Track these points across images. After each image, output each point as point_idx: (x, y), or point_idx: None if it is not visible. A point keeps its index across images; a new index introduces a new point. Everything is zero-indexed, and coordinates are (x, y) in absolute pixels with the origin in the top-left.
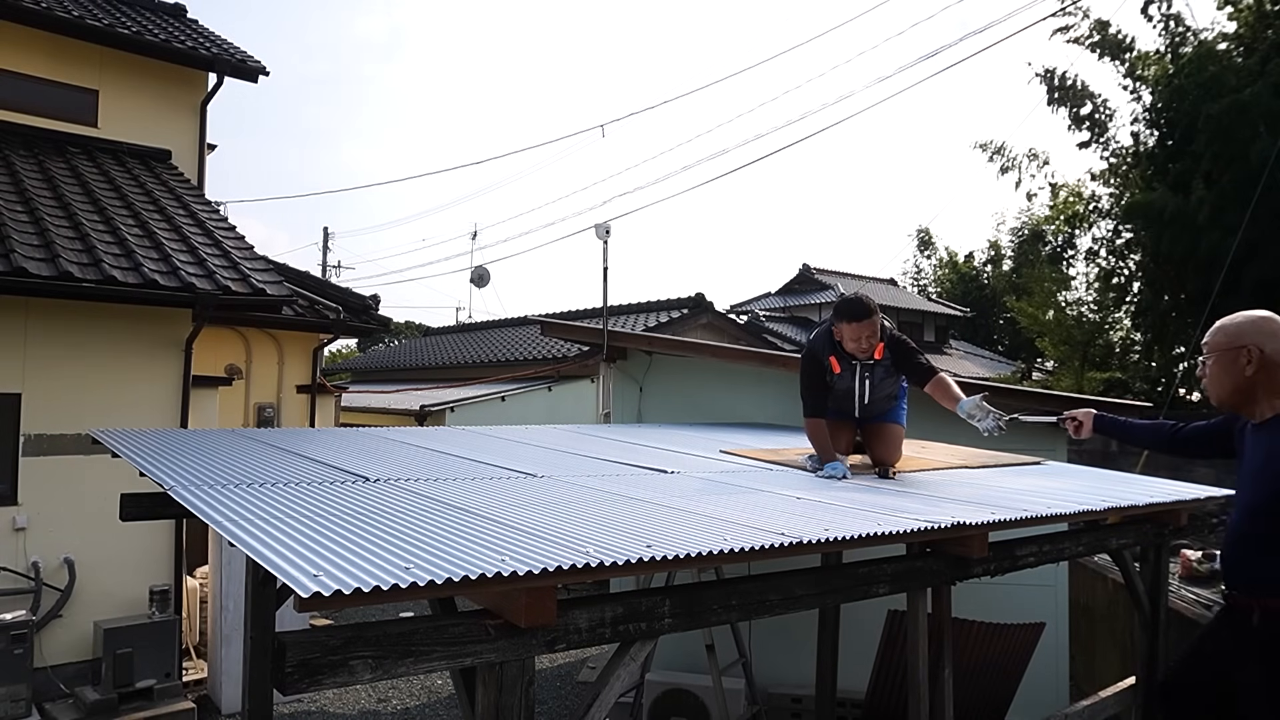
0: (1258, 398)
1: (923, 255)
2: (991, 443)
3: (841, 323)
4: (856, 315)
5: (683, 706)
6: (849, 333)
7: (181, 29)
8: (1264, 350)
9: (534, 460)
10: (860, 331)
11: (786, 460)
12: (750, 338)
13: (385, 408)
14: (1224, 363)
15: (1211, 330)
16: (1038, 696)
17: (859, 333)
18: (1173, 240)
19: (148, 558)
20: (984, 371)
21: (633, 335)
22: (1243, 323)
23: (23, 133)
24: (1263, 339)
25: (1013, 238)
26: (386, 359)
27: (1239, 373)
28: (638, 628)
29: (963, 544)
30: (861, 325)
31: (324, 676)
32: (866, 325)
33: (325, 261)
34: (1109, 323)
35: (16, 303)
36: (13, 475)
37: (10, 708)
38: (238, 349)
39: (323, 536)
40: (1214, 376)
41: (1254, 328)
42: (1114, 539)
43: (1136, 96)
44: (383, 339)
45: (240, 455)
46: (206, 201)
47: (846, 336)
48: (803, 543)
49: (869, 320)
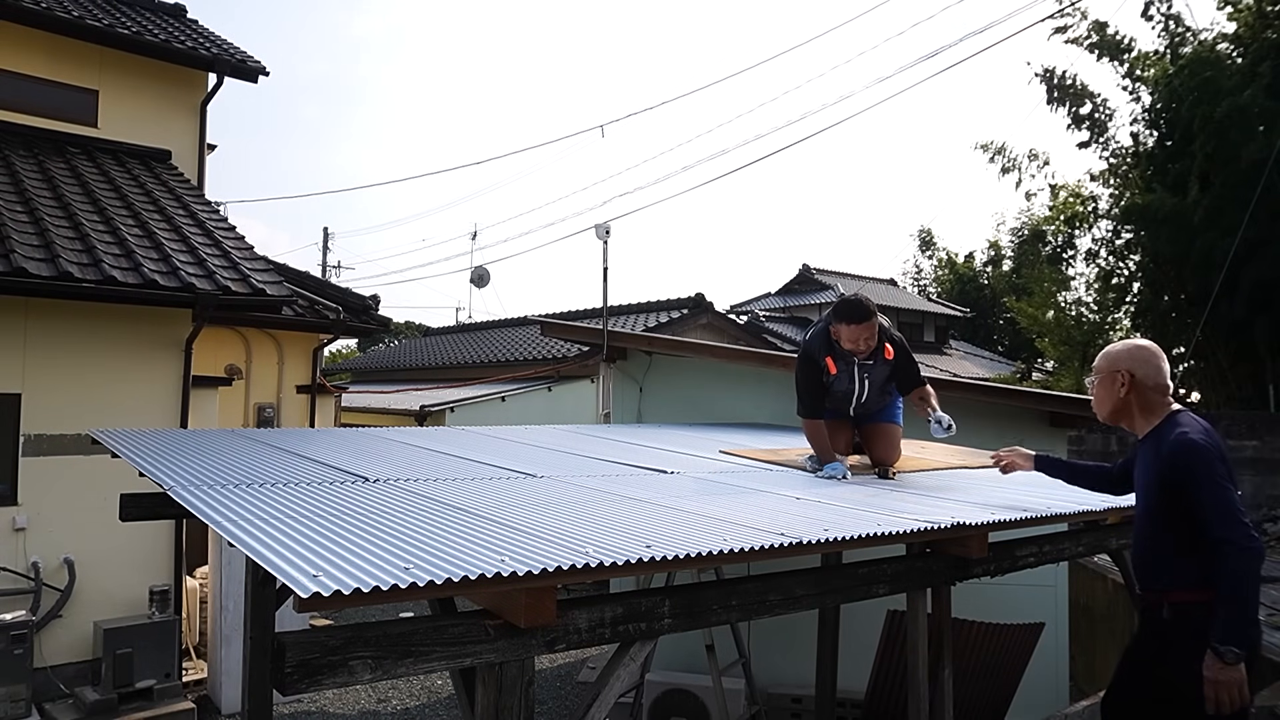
0: (1135, 415)
1: (923, 255)
2: (991, 443)
3: (840, 324)
4: (856, 317)
5: (683, 706)
6: (847, 334)
7: (181, 29)
8: (1134, 375)
9: (534, 460)
10: (859, 334)
11: (786, 460)
12: (750, 338)
13: (385, 408)
14: (1105, 385)
15: (1098, 356)
16: (1038, 696)
17: (857, 334)
18: (1172, 241)
19: (148, 558)
20: (984, 371)
21: (632, 335)
22: (1120, 351)
23: (23, 133)
24: (1135, 365)
25: (1013, 238)
26: (386, 359)
27: (1115, 394)
28: (638, 628)
29: (962, 544)
30: (860, 327)
31: (324, 676)
32: (865, 327)
33: (325, 261)
34: (1109, 323)
35: (16, 303)
36: (13, 475)
37: (10, 708)
38: (238, 349)
39: (322, 537)
40: (1098, 397)
41: (1129, 355)
42: (1114, 539)
43: (1136, 97)
44: (383, 339)
45: (240, 455)
46: (206, 202)
47: (845, 337)
48: (803, 543)
49: (868, 323)
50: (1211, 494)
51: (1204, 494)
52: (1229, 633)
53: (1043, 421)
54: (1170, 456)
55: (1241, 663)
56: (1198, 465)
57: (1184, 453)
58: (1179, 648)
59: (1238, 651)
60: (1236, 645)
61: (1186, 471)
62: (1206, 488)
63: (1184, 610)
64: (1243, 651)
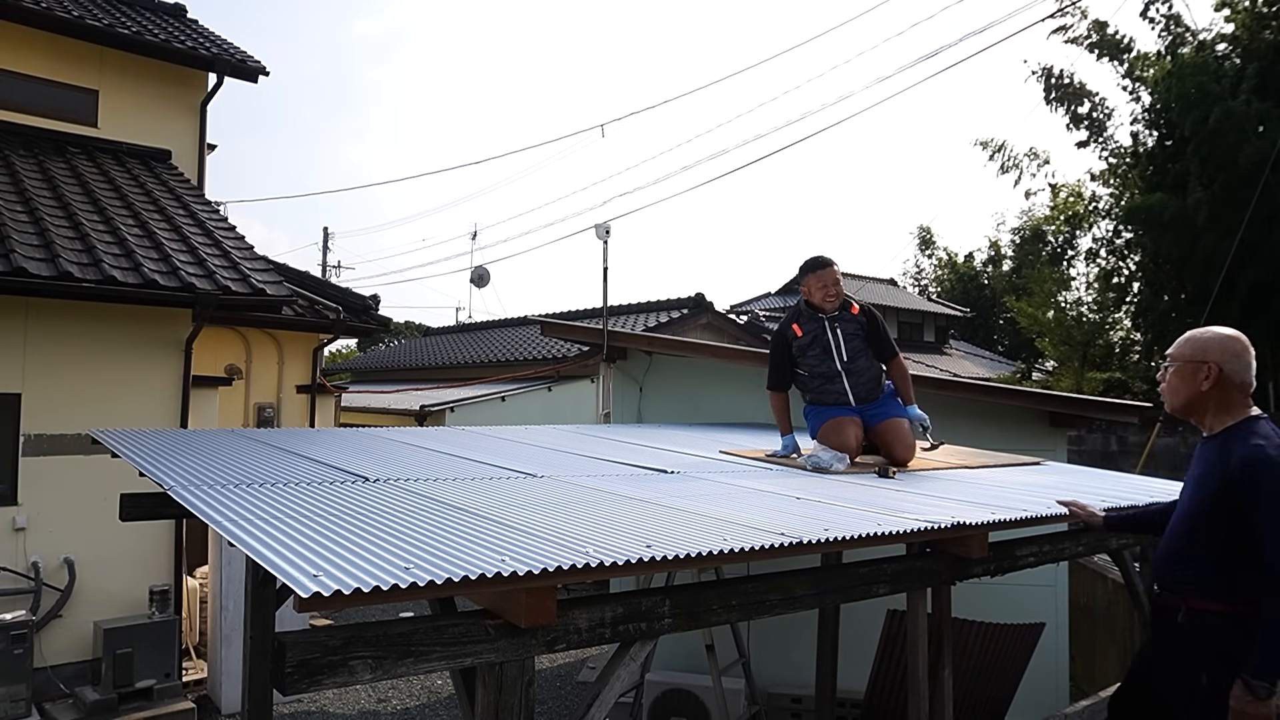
0: (1209, 411)
1: (923, 255)
2: (991, 443)
3: (808, 276)
4: (818, 265)
5: (683, 706)
6: (814, 282)
7: (181, 29)
8: (1223, 369)
9: (534, 460)
10: (824, 279)
11: (786, 460)
12: (750, 338)
13: (385, 408)
14: (1184, 374)
15: (1179, 341)
16: (1038, 697)
17: (824, 279)
18: (1172, 241)
19: (148, 558)
20: (984, 371)
21: (633, 335)
22: (1210, 339)
23: (23, 133)
24: (1225, 358)
25: (1013, 237)
26: (386, 359)
27: (1196, 386)
28: (638, 628)
29: (963, 544)
30: (824, 273)
31: (324, 676)
32: (829, 272)
33: (325, 261)
34: (1109, 323)
35: (16, 303)
36: (13, 475)
37: (10, 708)
38: (238, 349)
39: (323, 536)
40: (1172, 386)
41: (1220, 346)
42: (1114, 539)
43: (1136, 97)
44: (383, 339)
45: (240, 455)
46: (206, 201)
47: (813, 287)
48: (803, 543)
49: (830, 268)
50: (1274, 516)
51: (1265, 513)
52: (1266, 667)
53: (1043, 421)
54: (1240, 467)
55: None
56: (1265, 482)
57: (1256, 466)
58: (1189, 654)
59: (1270, 687)
60: (1271, 680)
61: (1253, 486)
62: (1269, 508)
63: (1202, 618)
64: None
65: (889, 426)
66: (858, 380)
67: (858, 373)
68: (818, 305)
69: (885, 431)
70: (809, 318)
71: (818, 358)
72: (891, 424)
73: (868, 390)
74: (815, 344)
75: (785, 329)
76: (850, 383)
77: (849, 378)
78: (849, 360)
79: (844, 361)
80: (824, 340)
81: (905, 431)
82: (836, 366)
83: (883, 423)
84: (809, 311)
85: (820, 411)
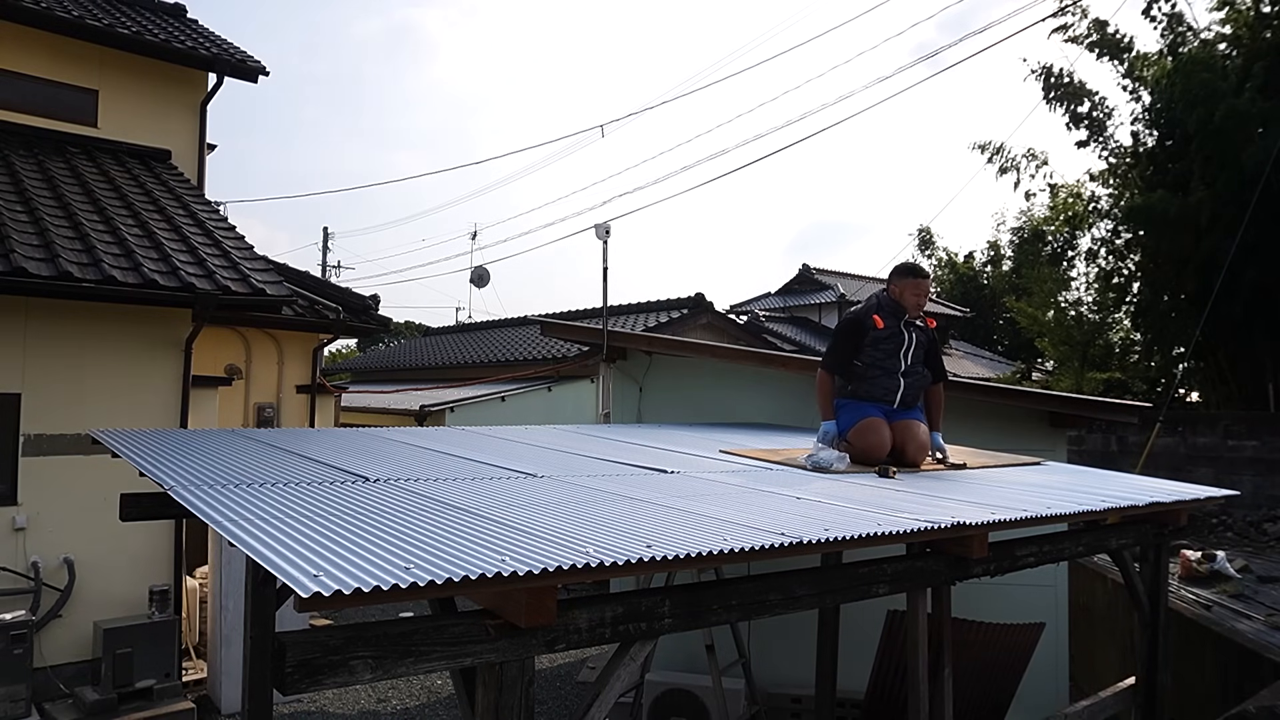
0: None
1: (922, 255)
2: (991, 443)
3: (905, 280)
4: (918, 273)
5: (683, 707)
6: (911, 289)
7: (181, 29)
8: None
9: (534, 460)
10: (921, 288)
11: (786, 460)
12: (750, 338)
13: (385, 408)
14: None
15: None
16: (1038, 697)
17: (920, 288)
18: (1172, 241)
19: (148, 558)
20: (984, 371)
21: (632, 335)
22: None
23: (23, 133)
24: None
25: (1013, 238)
26: (386, 359)
27: None
28: (638, 628)
29: (963, 544)
30: (922, 282)
31: (324, 676)
32: (925, 283)
33: (325, 261)
34: (1109, 323)
35: (16, 303)
36: (13, 475)
37: (10, 708)
38: (237, 349)
39: (323, 536)
40: None
41: None
42: (1114, 539)
43: (1136, 97)
44: (383, 339)
45: (240, 455)
46: (206, 201)
47: (908, 292)
48: (803, 543)
49: (928, 279)
50: None
51: None
52: None
53: (1043, 421)
54: None
55: None
56: None
57: None
58: None
59: None
60: None
61: None
62: None
63: None
64: None
65: (904, 426)
66: (910, 386)
67: (913, 379)
68: (906, 307)
69: (900, 430)
70: (891, 313)
71: (888, 353)
72: (908, 424)
73: (913, 398)
74: (891, 340)
75: (864, 317)
76: (905, 384)
77: (905, 379)
78: (912, 364)
79: (908, 364)
80: (899, 339)
81: (919, 433)
82: (902, 366)
83: (898, 421)
84: (892, 307)
85: (858, 407)
